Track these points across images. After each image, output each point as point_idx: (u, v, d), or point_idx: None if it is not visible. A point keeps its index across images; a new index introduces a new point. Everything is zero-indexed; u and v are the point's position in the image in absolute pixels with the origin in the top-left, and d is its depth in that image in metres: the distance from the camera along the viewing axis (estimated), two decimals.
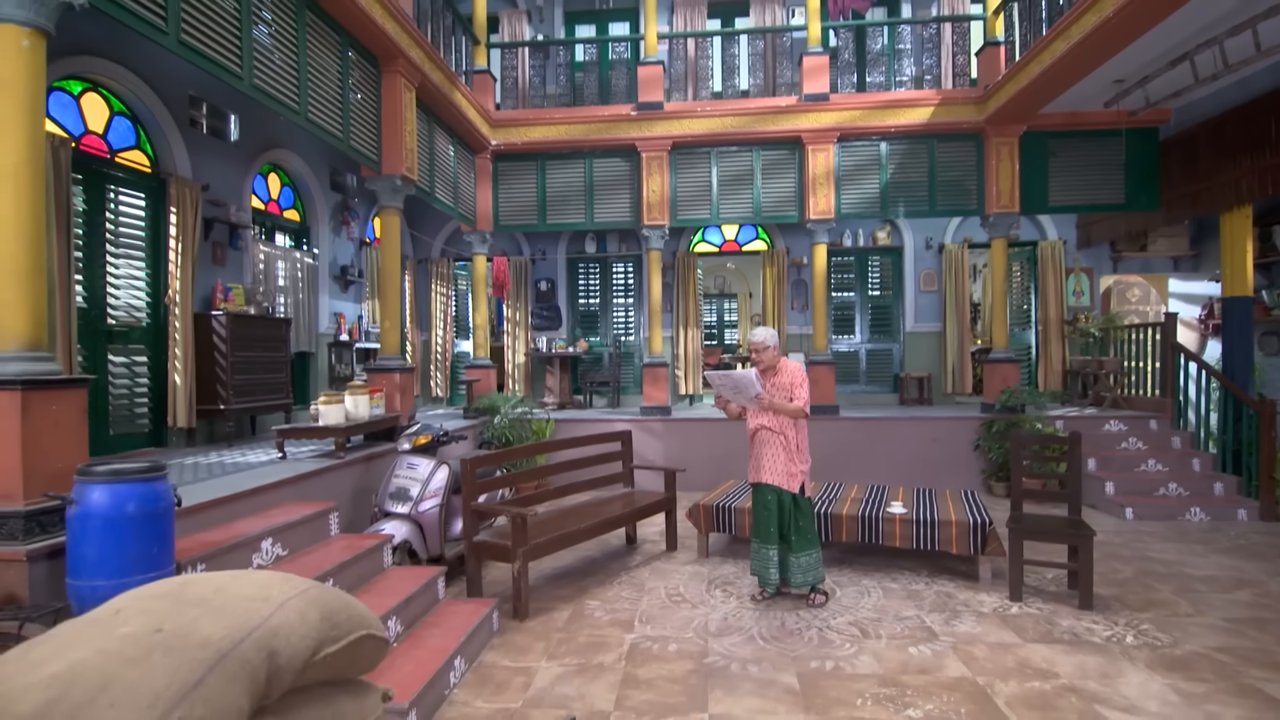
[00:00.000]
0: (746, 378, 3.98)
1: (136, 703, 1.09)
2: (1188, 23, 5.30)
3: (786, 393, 4.08)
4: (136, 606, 1.33)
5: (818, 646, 3.59)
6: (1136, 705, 2.97)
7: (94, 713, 1.06)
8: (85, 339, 4.91)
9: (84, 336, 4.89)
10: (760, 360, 4.17)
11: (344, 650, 1.51)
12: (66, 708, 1.06)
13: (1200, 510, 6.25)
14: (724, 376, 4.09)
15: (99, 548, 2.49)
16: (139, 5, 3.29)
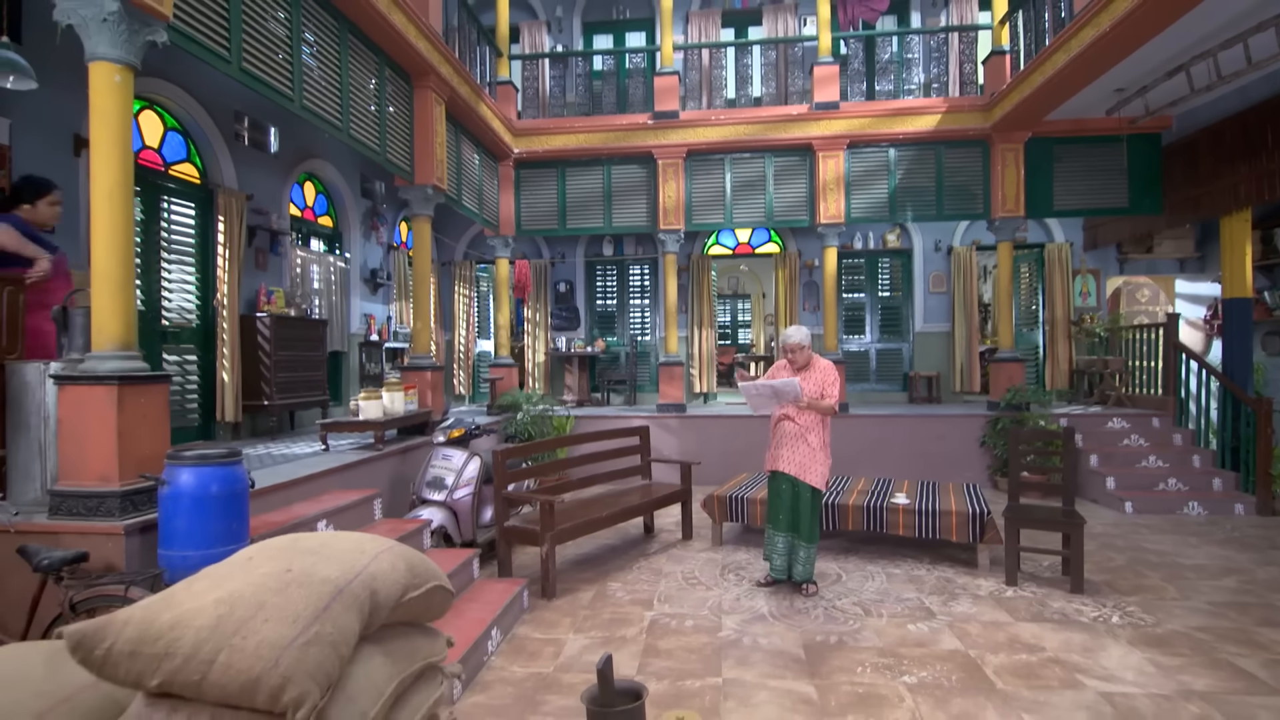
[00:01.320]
0: (791, 386, 4.17)
1: (284, 618, 1.42)
2: (1181, 37, 5.53)
3: (818, 390, 4.30)
4: (265, 554, 1.66)
5: (823, 623, 3.89)
6: (1114, 675, 3.25)
7: (254, 625, 1.39)
8: (143, 340, 5.26)
9: (142, 337, 5.26)
10: (795, 360, 4.38)
11: (422, 596, 1.83)
12: (233, 622, 1.40)
13: (1198, 504, 6.47)
14: (764, 386, 4.25)
15: (187, 523, 2.84)
16: (209, 40, 3.66)
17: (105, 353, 3.02)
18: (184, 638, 1.38)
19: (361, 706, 1.54)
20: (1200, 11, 5.07)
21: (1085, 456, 7.14)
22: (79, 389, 2.96)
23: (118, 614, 1.43)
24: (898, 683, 3.18)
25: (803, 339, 4.36)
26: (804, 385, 4.28)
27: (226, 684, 1.35)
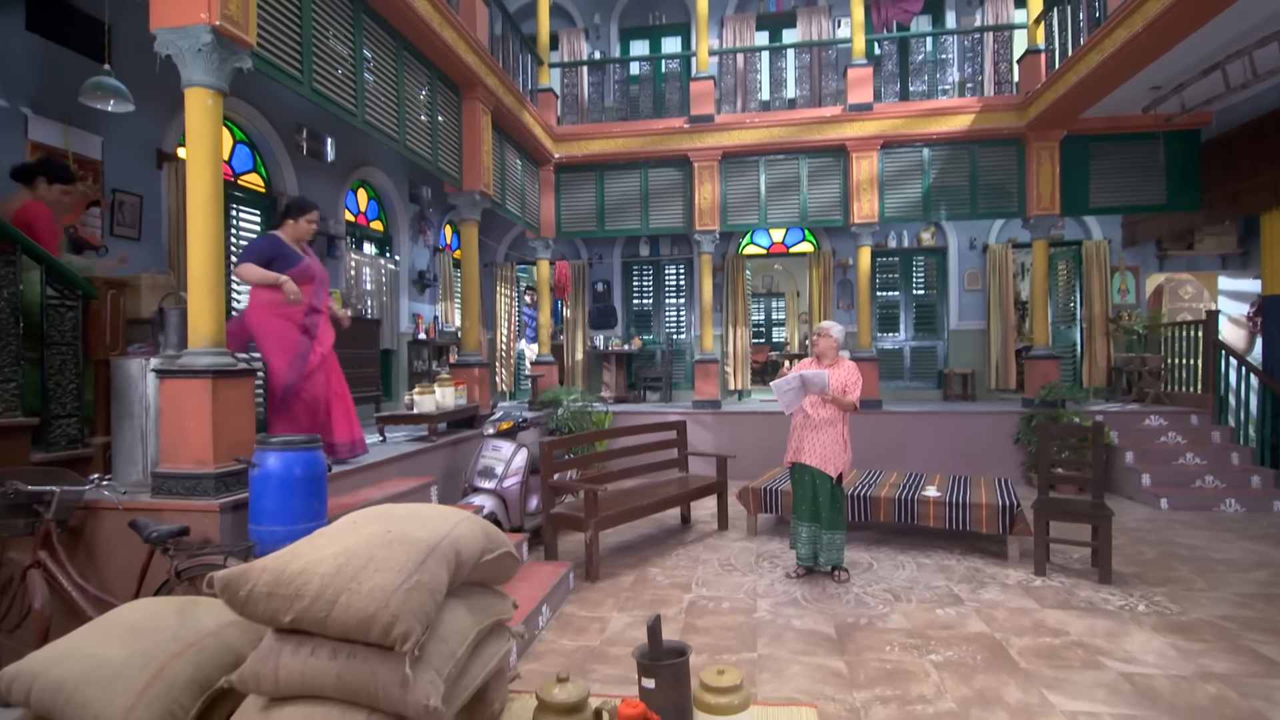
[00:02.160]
0: (819, 376, 4.38)
1: (390, 569, 1.69)
2: (1215, 37, 5.57)
3: (840, 386, 4.50)
4: (367, 519, 1.94)
5: (854, 607, 4.09)
6: (1135, 657, 3.39)
7: (367, 574, 1.67)
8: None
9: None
10: (817, 344, 4.61)
11: (495, 560, 2.10)
12: (350, 570, 1.68)
13: (1235, 501, 6.47)
14: (794, 378, 4.46)
15: (275, 501, 3.17)
16: (285, 64, 4.00)
17: (200, 349, 3.37)
18: (310, 583, 1.67)
19: (451, 647, 1.81)
20: (1233, 12, 5.12)
21: (1121, 453, 7.17)
22: (178, 382, 3.31)
23: (255, 563, 1.73)
24: (924, 660, 3.37)
25: (834, 331, 4.56)
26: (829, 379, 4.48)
27: (346, 620, 1.63)
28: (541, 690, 1.84)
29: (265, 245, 4.07)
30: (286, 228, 4.16)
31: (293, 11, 4.08)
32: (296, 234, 4.17)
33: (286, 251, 4.09)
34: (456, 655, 1.82)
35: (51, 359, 3.56)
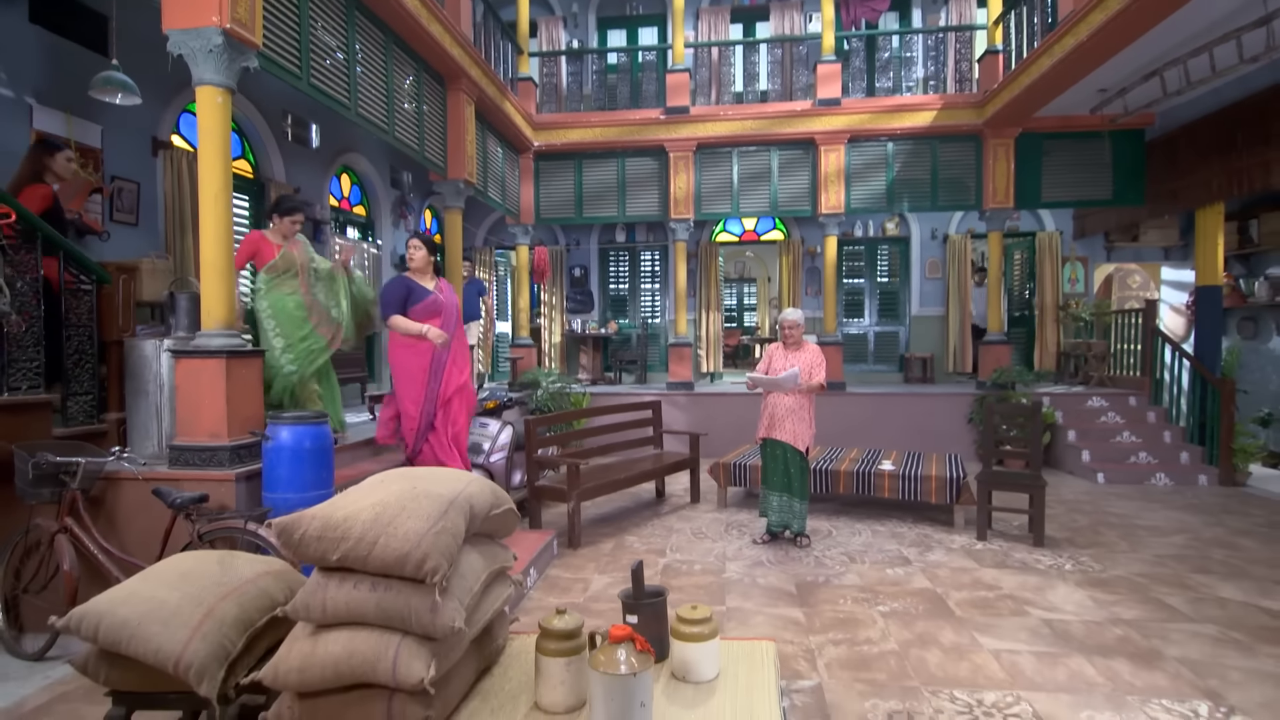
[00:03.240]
0: (791, 374, 4.75)
1: (420, 516, 2.02)
2: (1153, 46, 6.02)
3: (806, 370, 4.88)
4: (392, 478, 2.26)
5: (813, 568, 4.51)
6: (1057, 607, 3.85)
7: (400, 520, 2.00)
8: None
9: None
10: (789, 336, 5.00)
11: (501, 515, 2.44)
12: (386, 517, 2.00)
13: (1165, 475, 7.04)
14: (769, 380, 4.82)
15: (287, 471, 3.47)
16: (286, 62, 4.23)
17: (213, 331, 3.63)
18: (354, 528, 2.00)
19: (469, 583, 2.16)
20: (1168, 25, 5.57)
21: (1064, 432, 7.71)
22: (193, 361, 3.57)
23: (305, 512, 2.05)
24: (873, 610, 3.79)
25: (798, 319, 4.96)
26: (793, 363, 4.88)
27: (385, 558, 1.96)
28: (543, 621, 2.20)
29: (398, 289, 4.40)
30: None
31: (292, 12, 4.29)
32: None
33: (415, 287, 4.41)
34: (473, 590, 2.17)
35: (70, 340, 3.79)
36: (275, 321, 4.24)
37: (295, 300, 4.31)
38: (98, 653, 2.41)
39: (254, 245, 4.29)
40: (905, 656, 3.25)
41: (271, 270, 4.25)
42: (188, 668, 2.22)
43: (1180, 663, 3.20)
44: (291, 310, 4.28)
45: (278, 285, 4.27)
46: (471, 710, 2.18)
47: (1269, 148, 6.65)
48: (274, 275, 4.26)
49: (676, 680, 2.35)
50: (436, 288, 4.50)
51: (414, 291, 4.40)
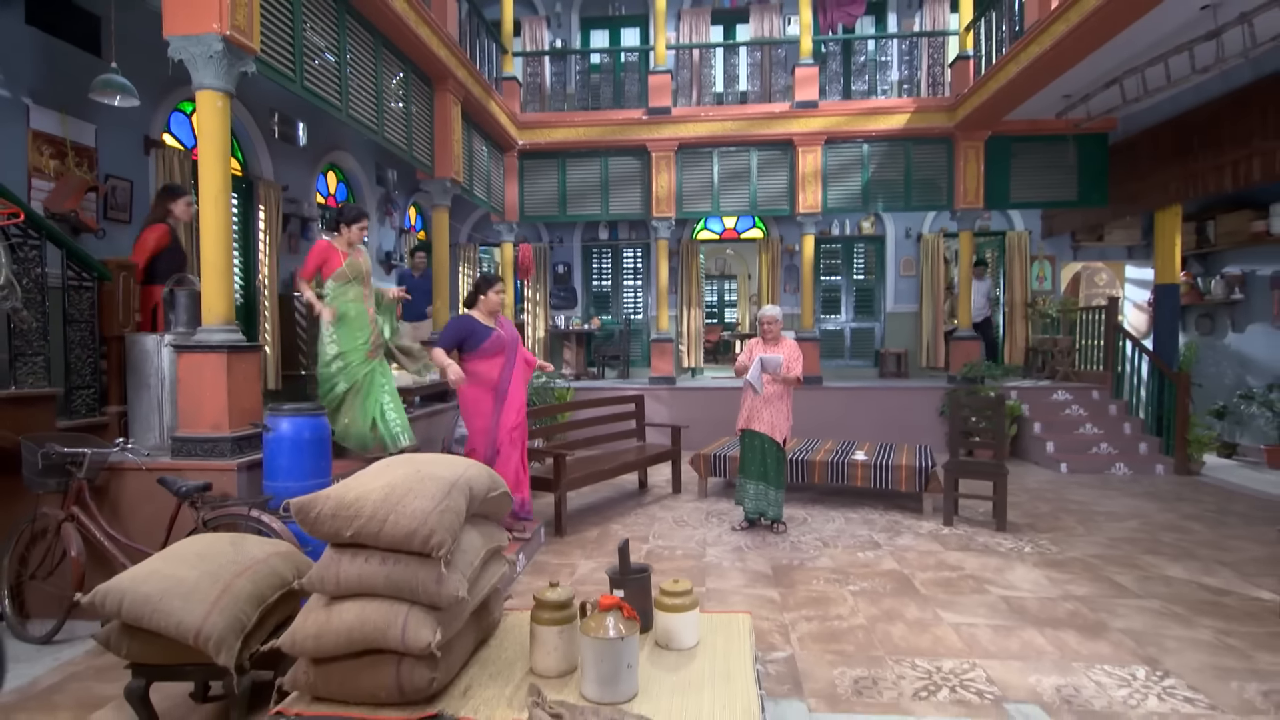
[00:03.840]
0: (774, 359, 4.98)
1: (425, 495, 2.21)
2: (1112, 56, 6.32)
3: (786, 364, 5.10)
4: (397, 464, 2.44)
5: (789, 552, 4.75)
6: (1014, 585, 4.12)
7: (408, 500, 2.18)
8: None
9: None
10: (768, 331, 5.22)
11: (496, 498, 2.63)
12: (395, 497, 2.19)
13: (1124, 465, 7.39)
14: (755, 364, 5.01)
15: (287, 460, 3.63)
16: (282, 67, 4.36)
17: (214, 327, 3.77)
18: (365, 506, 2.18)
19: (469, 558, 2.35)
20: (1123, 38, 5.87)
21: (1030, 424, 8.03)
22: (195, 356, 3.71)
23: (320, 493, 2.23)
24: (844, 590, 4.03)
25: (777, 315, 5.20)
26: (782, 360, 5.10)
27: (395, 534, 2.15)
28: (538, 593, 2.41)
29: (457, 327, 4.57)
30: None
31: (287, 17, 4.43)
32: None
33: (477, 328, 4.57)
34: (474, 564, 2.37)
35: (72, 335, 3.91)
36: (334, 327, 4.38)
37: (357, 307, 4.47)
38: (120, 627, 2.57)
39: (323, 254, 4.46)
40: (872, 630, 3.49)
41: (339, 278, 4.42)
42: (207, 639, 2.39)
43: (1124, 633, 3.47)
44: (353, 317, 4.44)
45: (343, 293, 4.44)
46: (472, 676, 2.38)
47: (1221, 153, 6.99)
48: (341, 283, 4.43)
49: (660, 648, 2.56)
50: (497, 324, 4.66)
51: (476, 333, 4.55)
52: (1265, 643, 3.38)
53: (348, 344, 4.44)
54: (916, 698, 2.85)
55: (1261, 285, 8.27)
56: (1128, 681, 2.99)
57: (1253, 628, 3.55)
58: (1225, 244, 8.46)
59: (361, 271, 4.53)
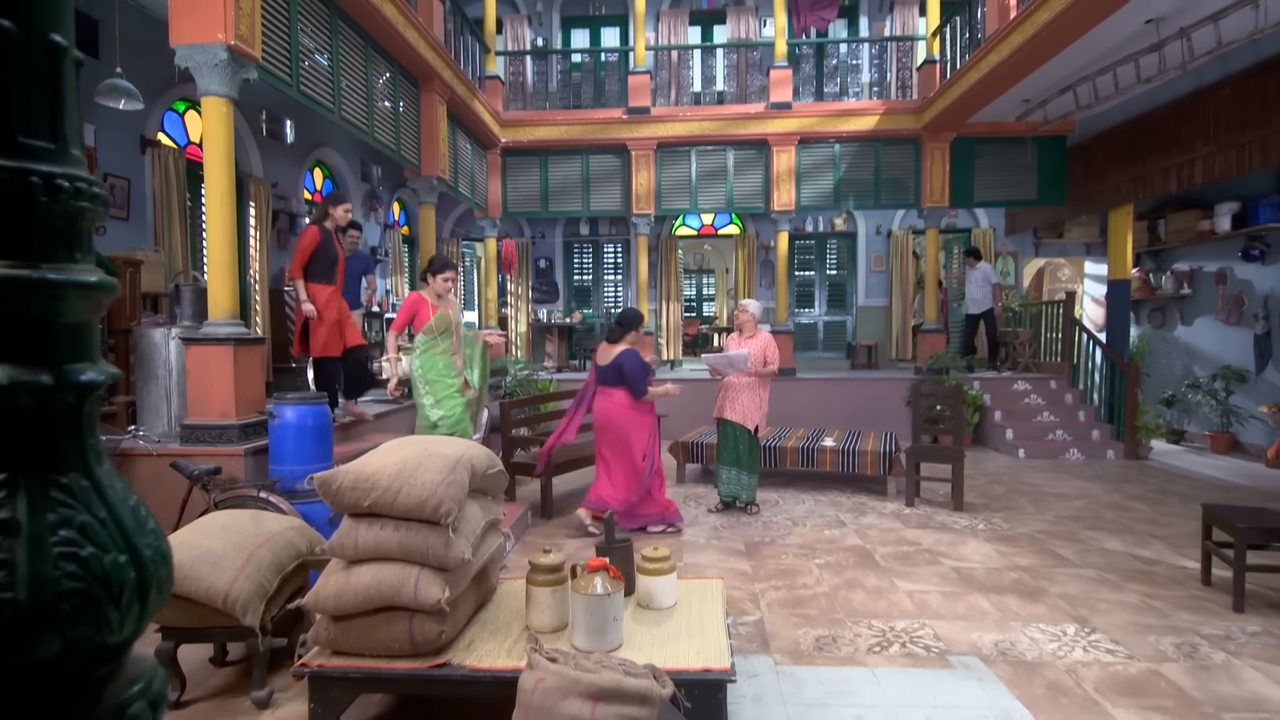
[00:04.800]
0: (742, 355, 5.29)
1: (434, 470, 2.49)
2: (1065, 65, 6.72)
3: (759, 356, 5.42)
4: (405, 444, 2.72)
5: (761, 530, 5.08)
6: (966, 557, 4.49)
7: (419, 474, 2.46)
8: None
9: None
10: (738, 319, 5.54)
11: (494, 475, 2.92)
12: (407, 472, 2.46)
13: (1077, 450, 7.83)
14: (721, 357, 5.35)
15: (292, 446, 3.87)
16: (280, 73, 4.58)
17: (221, 320, 4.00)
18: (381, 480, 2.46)
19: (472, 526, 2.64)
20: (1074, 49, 6.27)
21: (991, 413, 8.46)
22: (203, 348, 3.94)
23: (339, 469, 2.51)
24: (810, 563, 4.38)
25: (755, 309, 5.52)
26: (748, 348, 5.41)
27: (407, 503, 2.43)
28: (533, 558, 2.71)
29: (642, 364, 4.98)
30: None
31: (284, 25, 4.64)
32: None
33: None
34: (476, 532, 2.66)
35: None
36: (426, 382, 4.52)
37: (445, 360, 4.59)
38: None
39: (413, 307, 4.62)
40: (834, 597, 3.83)
41: (429, 332, 4.53)
42: (234, 602, 2.66)
43: (1060, 597, 3.85)
44: (441, 369, 4.57)
45: (432, 346, 4.54)
46: (474, 633, 2.68)
47: (1168, 156, 7.43)
48: (430, 336, 4.54)
49: (642, 608, 2.88)
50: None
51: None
52: (1184, 604, 3.77)
53: (447, 405, 4.53)
54: (871, 652, 3.19)
55: (1207, 281, 8.77)
56: (1058, 637, 3.36)
57: (1175, 592, 3.95)
58: (1175, 241, 8.95)
59: (450, 324, 4.59)
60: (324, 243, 4.86)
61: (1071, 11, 5.65)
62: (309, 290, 4.82)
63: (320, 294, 4.88)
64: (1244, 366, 8.13)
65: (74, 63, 0.95)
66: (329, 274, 4.93)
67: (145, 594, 0.94)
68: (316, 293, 4.86)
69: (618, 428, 4.92)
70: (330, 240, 4.92)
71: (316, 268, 4.86)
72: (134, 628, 0.94)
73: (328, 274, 4.93)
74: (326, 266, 4.92)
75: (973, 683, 2.91)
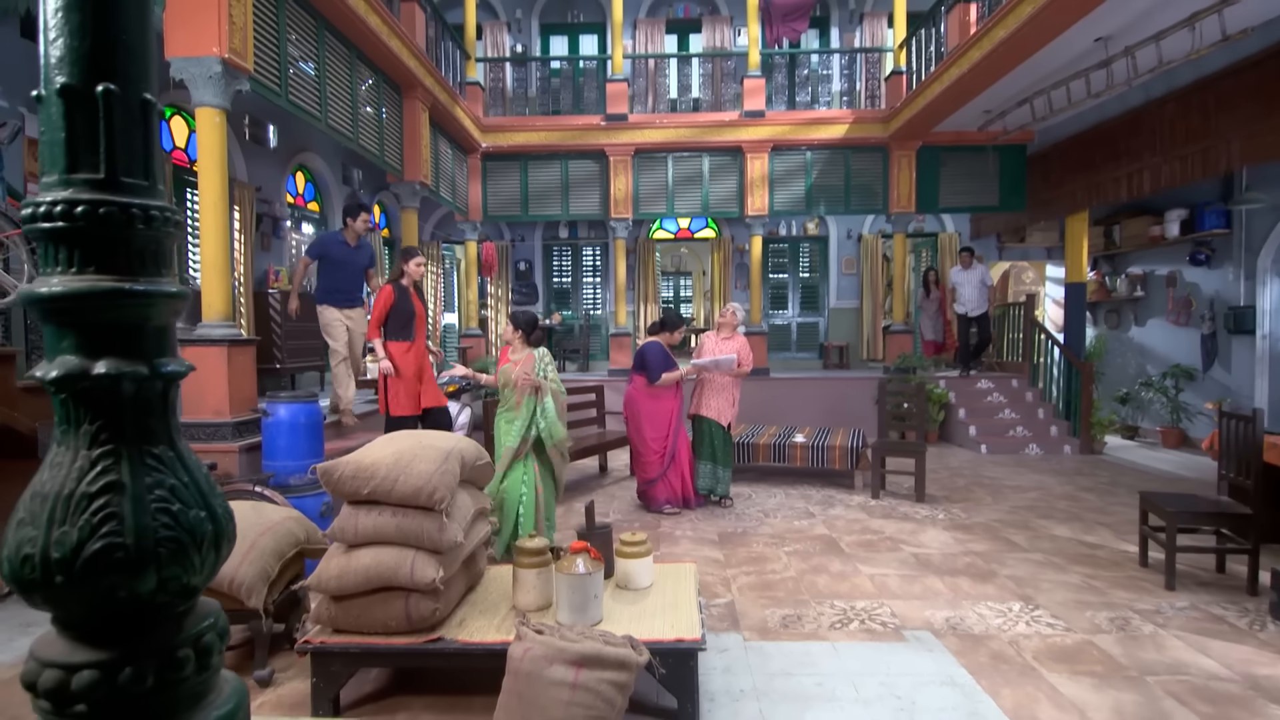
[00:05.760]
0: (729, 359, 5.57)
1: (428, 460, 2.70)
2: (1021, 79, 7.08)
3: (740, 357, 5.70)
4: (400, 437, 2.92)
5: (734, 522, 5.34)
6: (925, 544, 4.78)
7: (415, 464, 2.67)
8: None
9: None
10: (724, 322, 5.85)
11: (482, 466, 3.13)
12: (404, 461, 2.67)
13: (1037, 446, 8.21)
14: (710, 361, 5.59)
15: (285, 442, 4.05)
16: (270, 84, 4.74)
17: (214, 323, 4.16)
18: (379, 469, 2.66)
19: (463, 513, 2.85)
20: (1028, 65, 6.62)
21: (956, 410, 8.81)
22: (199, 349, 4.09)
23: (340, 459, 2.71)
24: (780, 550, 4.64)
25: (740, 314, 5.90)
26: (724, 351, 5.68)
27: (404, 491, 2.64)
28: (518, 542, 2.92)
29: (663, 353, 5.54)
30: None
31: (274, 38, 4.80)
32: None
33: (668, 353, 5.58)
34: (467, 518, 2.88)
35: None
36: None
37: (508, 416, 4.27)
38: None
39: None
40: (800, 581, 4.09)
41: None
42: (239, 585, 2.84)
43: (1008, 579, 4.14)
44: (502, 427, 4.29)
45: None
46: (465, 612, 2.89)
47: (1119, 166, 7.83)
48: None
49: (620, 589, 3.11)
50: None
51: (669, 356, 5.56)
52: (1121, 583, 4.09)
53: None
54: (832, 628, 3.45)
55: (1159, 284, 9.21)
56: (1004, 613, 3.64)
57: (1114, 572, 4.26)
58: (1129, 246, 9.37)
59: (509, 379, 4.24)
60: (399, 301, 4.99)
61: (1026, 29, 5.98)
62: (386, 349, 4.93)
63: (397, 351, 4.97)
64: (1193, 365, 8.56)
65: (158, 113, 1.18)
66: (405, 330, 5.01)
67: (219, 543, 1.17)
68: (393, 350, 4.96)
69: (632, 409, 5.58)
70: (405, 297, 5.04)
71: (393, 325, 5.00)
72: (209, 571, 1.17)
73: (404, 330, 5.01)
74: (403, 323, 5.01)
75: (924, 654, 3.18)
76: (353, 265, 5.68)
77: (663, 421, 5.50)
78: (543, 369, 4.29)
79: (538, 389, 4.20)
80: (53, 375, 1.05)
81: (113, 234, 1.08)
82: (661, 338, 5.62)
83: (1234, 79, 6.26)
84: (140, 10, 1.16)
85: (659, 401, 5.51)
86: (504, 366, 4.33)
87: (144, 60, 1.18)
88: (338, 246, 5.62)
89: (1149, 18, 5.71)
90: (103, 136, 1.08)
